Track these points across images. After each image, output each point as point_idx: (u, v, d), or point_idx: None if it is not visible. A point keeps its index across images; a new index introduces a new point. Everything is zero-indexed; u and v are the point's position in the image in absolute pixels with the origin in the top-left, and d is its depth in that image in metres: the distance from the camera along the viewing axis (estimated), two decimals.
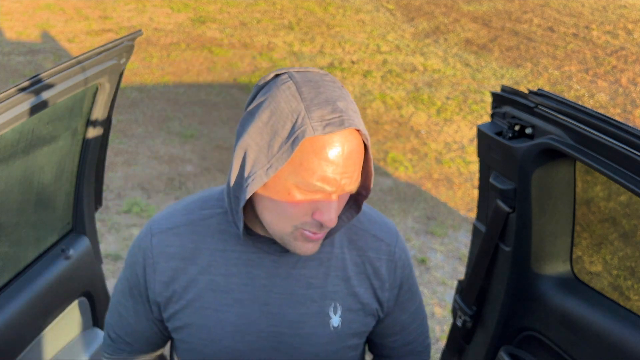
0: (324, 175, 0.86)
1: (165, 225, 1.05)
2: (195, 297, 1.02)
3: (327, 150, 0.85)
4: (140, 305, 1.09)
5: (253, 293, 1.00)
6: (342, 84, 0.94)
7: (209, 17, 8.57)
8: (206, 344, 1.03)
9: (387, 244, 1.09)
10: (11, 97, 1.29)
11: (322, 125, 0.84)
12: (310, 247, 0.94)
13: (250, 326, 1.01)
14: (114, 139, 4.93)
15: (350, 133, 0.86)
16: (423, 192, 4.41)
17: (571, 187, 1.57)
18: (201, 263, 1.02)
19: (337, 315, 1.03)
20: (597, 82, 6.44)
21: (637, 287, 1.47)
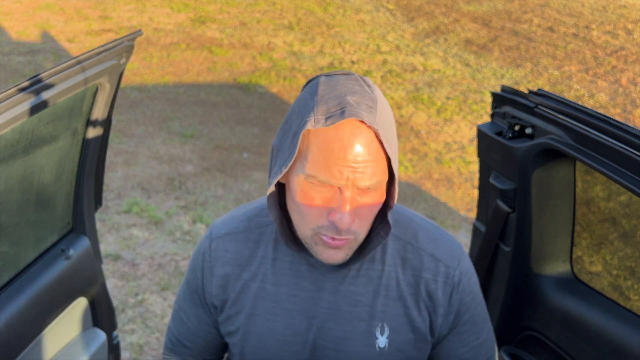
0: (328, 167, 0.86)
1: (224, 231, 1.08)
2: (247, 303, 1.04)
3: (330, 142, 0.85)
4: (200, 309, 1.11)
5: (300, 305, 1.01)
6: (380, 91, 0.93)
7: (209, 17, 8.57)
8: (255, 350, 1.05)
9: (446, 266, 1.02)
10: (11, 97, 1.29)
11: (325, 118, 0.85)
12: (332, 255, 0.92)
13: (297, 337, 1.02)
14: (114, 139, 4.93)
15: (357, 126, 0.85)
16: (423, 192, 4.41)
17: (571, 187, 1.57)
18: (254, 270, 1.04)
19: (384, 336, 1.00)
20: (597, 82, 6.44)
21: (637, 287, 1.47)
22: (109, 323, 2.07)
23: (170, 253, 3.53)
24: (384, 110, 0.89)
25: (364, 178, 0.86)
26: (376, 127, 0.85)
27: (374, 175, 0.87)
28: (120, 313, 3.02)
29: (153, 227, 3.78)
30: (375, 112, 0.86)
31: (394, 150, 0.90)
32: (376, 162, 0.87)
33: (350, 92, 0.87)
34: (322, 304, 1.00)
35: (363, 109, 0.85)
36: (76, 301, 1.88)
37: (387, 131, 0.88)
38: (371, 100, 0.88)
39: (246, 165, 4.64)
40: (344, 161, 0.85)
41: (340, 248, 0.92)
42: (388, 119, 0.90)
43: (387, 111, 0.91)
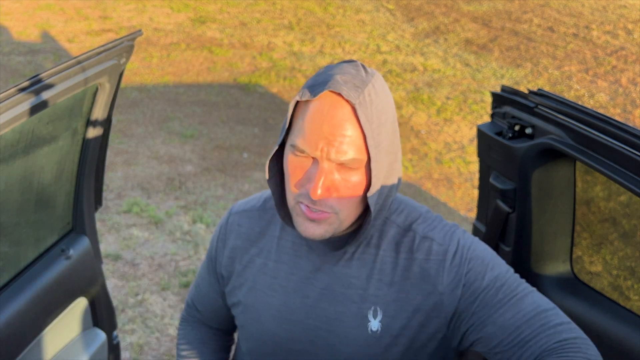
0: (303, 136, 0.90)
1: (243, 207, 1.16)
2: (250, 277, 1.09)
3: (311, 113, 0.90)
4: (213, 276, 1.19)
5: (296, 283, 1.05)
6: (382, 81, 0.95)
7: (209, 17, 8.57)
8: (253, 323, 1.09)
9: (440, 244, 1.01)
10: (11, 97, 1.29)
11: (310, 91, 0.90)
12: (310, 227, 0.94)
13: (291, 314, 1.05)
14: (114, 139, 4.93)
15: (338, 100, 0.89)
16: (423, 192, 4.41)
17: (571, 187, 1.57)
18: (261, 246, 1.10)
19: (376, 320, 1.00)
20: (597, 82, 6.44)
21: (637, 287, 1.47)
22: (109, 323, 2.07)
23: (170, 253, 3.53)
24: (375, 94, 0.91)
25: (338, 152, 0.89)
26: (355, 102, 0.88)
27: (348, 152, 0.89)
28: (120, 313, 3.02)
29: (153, 227, 3.78)
30: (361, 91, 0.89)
31: (381, 135, 0.91)
32: (351, 138, 0.89)
33: (342, 73, 0.91)
34: (317, 284, 1.03)
35: (348, 86, 0.89)
36: (76, 301, 1.88)
37: (373, 113, 0.90)
38: (361, 82, 0.91)
39: (246, 165, 4.64)
40: (320, 132, 0.89)
41: (318, 222, 0.94)
42: (379, 104, 0.92)
43: (381, 97, 0.93)
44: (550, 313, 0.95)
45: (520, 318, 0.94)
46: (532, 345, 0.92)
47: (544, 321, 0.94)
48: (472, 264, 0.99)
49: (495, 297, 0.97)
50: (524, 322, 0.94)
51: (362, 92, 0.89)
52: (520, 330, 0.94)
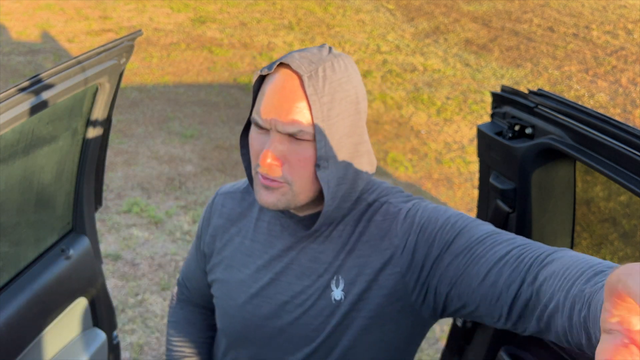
0: (259, 109, 0.94)
1: (228, 189, 1.20)
2: (228, 255, 1.14)
3: (264, 86, 0.95)
4: (200, 254, 1.23)
5: (268, 261, 1.07)
6: (349, 64, 0.97)
7: (209, 17, 8.57)
8: (226, 299, 1.13)
9: (396, 205, 1.02)
10: (11, 97, 1.29)
11: (268, 66, 0.94)
12: (263, 195, 0.97)
13: (261, 290, 1.07)
14: (114, 139, 4.93)
15: (288, 73, 0.92)
16: (423, 192, 4.41)
17: (571, 187, 1.57)
18: (240, 226, 1.14)
19: (339, 289, 1.02)
20: (597, 82, 6.44)
21: None
22: (109, 323, 2.07)
23: (170, 253, 3.53)
24: (332, 72, 0.93)
25: (284, 123, 0.91)
26: (303, 74, 0.90)
27: (294, 122, 0.91)
28: (120, 313, 3.02)
29: (153, 227, 3.78)
30: (315, 66, 0.92)
31: (333, 110, 0.92)
32: (298, 109, 0.91)
33: (303, 51, 0.95)
34: (287, 261, 1.06)
35: (302, 61, 0.92)
36: (76, 301, 1.88)
37: (324, 88, 0.91)
38: (319, 59, 0.93)
39: None
40: (269, 103, 0.92)
41: (271, 190, 0.96)
42: (334, 81, 0.93)
43: (339, 76, 0.94)
44: (503, 234, 0.91)
45: (474, 241, 0.91)
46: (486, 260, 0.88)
47: (495, 239, 0.90)
48: (425, 214, 0.99)
49: (450, 233, 0.94)
50: (477, 243, 0.90)
51: (315, 67, 0.92)
52: (473, 249, 0.90)
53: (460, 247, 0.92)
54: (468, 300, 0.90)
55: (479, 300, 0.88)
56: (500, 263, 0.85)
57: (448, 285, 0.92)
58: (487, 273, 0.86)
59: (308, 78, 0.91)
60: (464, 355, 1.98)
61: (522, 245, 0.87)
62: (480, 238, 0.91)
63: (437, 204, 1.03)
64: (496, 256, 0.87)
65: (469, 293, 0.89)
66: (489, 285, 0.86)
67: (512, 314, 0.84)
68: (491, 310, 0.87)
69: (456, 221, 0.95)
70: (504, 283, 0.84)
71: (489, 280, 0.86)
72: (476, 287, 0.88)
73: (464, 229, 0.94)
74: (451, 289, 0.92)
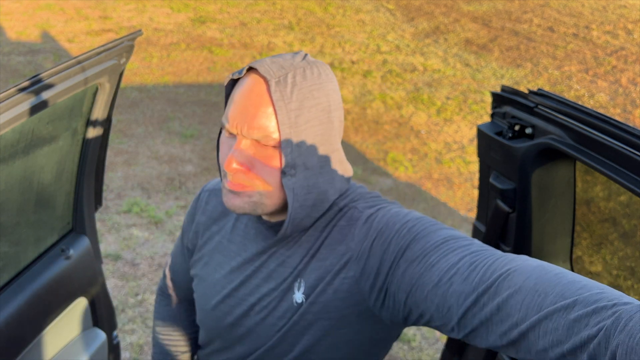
0: (227, 113, 0.94)
1: (213, 186, 1.21)
2: (207, 252, 1.15)
3: (234, 91, 0.94)
4: (185, 248, 1.25)
5: (241, 264, 1.08)
6: (323, 72, 0.95)
7: (209, 17, 8.57)
8: (202, 297, 1.15)
9: (360, 211, 1.00)
10: (11, 97, 1.29)
11: (239, 70, 0.94)
12: (230, 198, 0.96)
13: (233, 292, 1.09)
14: (114, 139, 4.93)
15: (256, 79, 0.92)
16: (423, 192, 4.41)
17: (571, 187, 1.57)
18: (221, 225, 1.15)
19: (299, 292, 1.01)
20: (597, 82, 6.44)
21: (637, 287, 1.47)
22: (109, 323, 2.07)
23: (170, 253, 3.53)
24: (303, 78, 0.91)
25: (249, 128, 0.91)
26: (270, 79, 0.89)
27: (259, 126, 0.90)
28: (120, 313, 3.02)
29: (153, 227, 3.78)
30: (284, 72, 0.91)
31: (301, 117, 0.90)
32: (264, 114, 0.90)
33: (276, 57, 0.94)
34: (257, 264, 1.06)
35: (272, 66, 0.91)
36: (76, 301, 1.88)
37: (292, 94, 0.90)
38: (290, 65, 0.92)
39: None
40: (236, 108, 0.92)
41: (237, 194, 0.96)
42: (304, 88, 0.91)
43: (310, 83, 0.92)
44: (461, 240, 0.88)
45: (429, 247, 0.87)
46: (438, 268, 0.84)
47: (450, 245, 0.86)
48: (384, 219, 0.96)
49: (405, 238, 0.91)
50: (432, 249, 0.87)
51: (285, 73, 0.90)
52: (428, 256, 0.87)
53: (416, 254, 0.88)
54: (424, 309, 0.86)
55: (432, 309, 0.84)
56: (451, 272, 0.82)
57: (404, 293, 0.89)
58: (437, 282, 0.83)
59: (275, 83, 0.89)
60: (464, 355, 1.98)
61: (475, 252, 0.83)
62: (436, 244, 0.87)
63: (403, 209, 0.99)
64: (448, 264, 0.83)
65: (423, 301, 0.85)
66: (440, 295, 0.82)
67: (462, 326, 0.80)
68: (443, 321, 0.83)
69: (413, 226, 0.92)
70: (453, 293, 0.80)
71: (440, 289, 0.83)
72: (429, 295, 0.84)
73: (420, 234, 0.90)
74: (407, 296, 0.89)
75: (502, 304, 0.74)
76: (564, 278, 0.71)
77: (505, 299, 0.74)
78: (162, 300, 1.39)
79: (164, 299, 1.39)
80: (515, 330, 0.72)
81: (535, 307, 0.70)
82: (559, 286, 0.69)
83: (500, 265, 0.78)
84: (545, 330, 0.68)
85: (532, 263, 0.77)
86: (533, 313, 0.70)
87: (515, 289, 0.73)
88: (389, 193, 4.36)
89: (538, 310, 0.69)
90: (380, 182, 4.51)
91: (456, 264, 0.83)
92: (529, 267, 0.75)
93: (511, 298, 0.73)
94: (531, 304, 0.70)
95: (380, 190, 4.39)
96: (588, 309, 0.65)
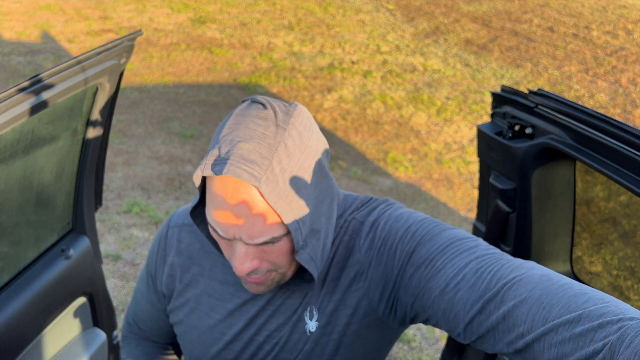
0: (213, 218, 0.83)
1: (182, 221, 1.08)
2: (193, 297, 1.05)
3: (216, 195, 0.81)
4: (153, 294, 1.13)
5: (241, 305, 1.01)
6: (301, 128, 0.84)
7: (209, 17, 8.57)
8: (196, 345, 1.05)
9: (360, 221, 0.98)
10: (11, 97, 1.29)
11: (212, 166, 0.80)
12: (254, 288, 0.91)
13: (237, 336, 1.02)
14: (114, 139, 4.93)
15: (240, 182, 0.79)
16: (423, 192, 4.41)
17: (571, 187, 1.57)
18: (203, 265, 1.04)
19: (313, 320, 0.98)
20: (597, 82, 6.44)
21: (637, 287, 1.47)
22: (109, 323, 2.07)
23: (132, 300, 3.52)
24: (287, 156, 0.81)
25: (251, 236, 0.82)
26: (259, 184, 0.78)
27: (262, 233, 0.82)
28: (120, 313, 3.02)
29: (153, 227, 3.78)
30: (268, 163, 0.79)
31: (299, 201, 0.83)
32: (263, 220, 0.81)
33: (246, 139, 0.80)
34: (261, 304, 1.00)
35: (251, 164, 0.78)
36: (76, 301, 1.88)
37: (285, 184, 0.81)
38: (268, 148, 0.80)
39: None
40: (228, 217, 0.81)
41: (261, 283, 0.90)
42: (294, 165, 0.82)
43: (299, 147, 0.83)
44: (466, 241, 0.87)
45: (435, 250, 0.87)
46: (444, 273, 0.84)
47: (456, 248, 0.86)
48: (387, 226, 0.95)
49: (410, 243, 0.90)
50: (437, 253, 0.86)
51: (270, 164, 0.79)
52: (434, 260, 0.86)
53: (422, 258, 0.88)
54: (431, 314, 0.87)
55: (439, 315, 0.84)
56: (457, 278, 0.82)
57: (411, 297, 0.89)
58: (444, 288, 0.83)
59: (266, 184, 0.78)
60: (464, 355, 1.98)
61: (481, 257, 0.83)
62: (441, 247, 0.87)
63: (403, 210, 0.98)
64: (454, 269, 0.83)
65: (430, 307, 0.86)
66: (446, 301, 0.83)
67: (469, 333, 0.81)
68: (450, 327, 0.84)
69: (417, 230, 0.91)
70: (460, 300, 0.81)
71: (447, 296, 0.83)
72: (436, 301, 0.84)
73: (425, 237, 0.90)
74: (414, 300, 0.89)
75: (508, 313, 0.74)
76: (569, 290, 0.71)
77: (511, 309, 0.74)
78: (130, 343, 1.26)
79: (132, 341, 1.26)
80: (522, 341, 0.72)
81: (541, 319, 0.70)
82: (565, 298, 0.69)
83: (507, 272, 0.78)
84: (550, 343, 0.68)
85: (538, 272, 0.76)
86: (539, 325, 0.70)
87: (521, 299, 0.73)
88: (389, 193, 4.36)
89: (544, 323, 0.69)
90: (380, 182, 4.51)
91: (462, 269, 0.82)
92: (535, 276, 0.75)
93: (517, 308, 0.73)
94: (537, 316, 0.70)
95: (380, 190, 4.39)
96: (594, 323, 0.65)
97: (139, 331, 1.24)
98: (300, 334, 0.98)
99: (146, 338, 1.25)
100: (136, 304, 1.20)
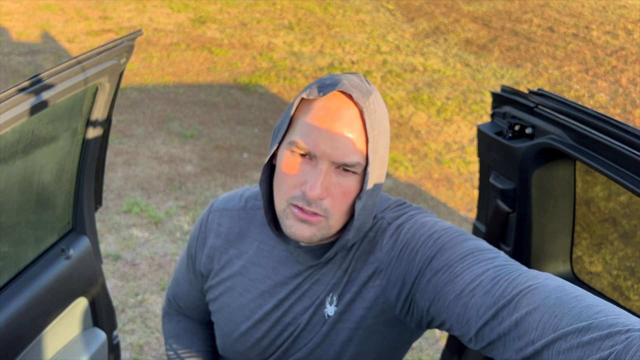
0: (310, 135, 0.88)
1: (223, 206, 1.15)
2: (228, 277, 1.11)
3: (317, 111, 0.89)
4: (192, 274, 1.20)
5: (272, 287, 1.06)
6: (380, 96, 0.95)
7: (209, 17, 8.57)
8: (227, 323, 1.11)
9: (388, 222, 1.02)
10: (11, 97, 1.29)
11: (318, 90, 0.89)
12: (300, 228, 0.92)
13: (266, 316, 1.07)
14: (114, 139, 4.93)
15: (345, 102, 0.88)
16: (423, 192, 4.41)
17: (571, 187, 1.57)
18: (240, 248, 1.11)
19: (332, 305, 1.02)
20: (597, 82, 6.44)
21: (637, 287, 1.47)
22: (109, 323, 2.07)
23: (170, 253, 3.53)
24: (377, 105, 0.91)
25: (342, 154, 0.88)
26: (363, 106, 0.88)
27: (349, 154, 0.88)
28: (120, 313, 3.02)
29: (153, 227, 3.78)
30: (367, 98, 0.89)
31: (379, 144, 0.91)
32: (355, 141, 0.88)
33: (347, 79, 0.91)
34: (291, 288, 1.05)
35: (356, 91, 0.89)
36: (76, 301, 1.88)
37: (375, 121, 0.90)
38: (367, 90, 0.91)
39: (246, 165, 4.64)
40: (325, 131, 0.88)
41: (309, 224, 0.92)
42: (379, 115, 0.91)
43: (381, 109, 0.93)
44: (486, 252, 0.89)
45: (454, 258, 0.89)
46: (461, 279, 0.86)
47: (476, 257, 0.87)
48: (411, 230, 0.98)
49: (431, 249, 0.93)
50: (457, 260, 0.88)
51: (367, 99, 0.89)
52: (453, 267, 0.88)
53: (441, 264, 0.90)
54: (445, 318, 0.88)
55: (453, 319, 0.86)
56: (473, 284, 0.84)
57: (428, 301, 0.91)
58: (460, 293, 0.84)
59: (366, 109, 0.88)
60: (464, 355, 1.98)
61: (499, 267, 0.84)
62: (461, 255, 0.89)
63: (430, 218, 1.01)
64: (472, 276, 0.85)
65: (445, 311, 0.87)
66: (460, 305, 0.84)
67: (480, 338, 0.82)
68: (462, 332, 0.85)
69: (439, 237, 0.94)
70: (474, 305, 0.82)
71: (461, 301, 0.84)
72: (450, 305, 0.86)
73: (446, 244, 0.92)
74: (430, 305, 0.91)
75: (521, 320, 0.75)
76: (582, 301, 0.72)
77: (524, 316, 0.75)
78: (171, 319, 1.33)
79: (175, 317, 1.33)
80: (531, 348, 0.73)
81: (551, 327, 0.71)
82: (577, 309, 0.70)
83: (522, 281, 0.79)
84: (558, 350, 0.69)
85: (553, 282, 0.77)
86: (549, 332, 0.71)
87: (534, 306, 0.74)
88: (389, 193, 4.36)
89: (554, 330, 0.70)
90: None
91: (479, 276, 0.84)
92: (550, 286, 0.76)
93: (529, 316, 0.74)
94: (548, 324, 0.71)
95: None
96: (602, 332, 0.65)
97: (178, 308, 1.31)
98: (320, 316, 1.03)
99: (185, 315, 1.32)
100: (176, 283, 1.27)
